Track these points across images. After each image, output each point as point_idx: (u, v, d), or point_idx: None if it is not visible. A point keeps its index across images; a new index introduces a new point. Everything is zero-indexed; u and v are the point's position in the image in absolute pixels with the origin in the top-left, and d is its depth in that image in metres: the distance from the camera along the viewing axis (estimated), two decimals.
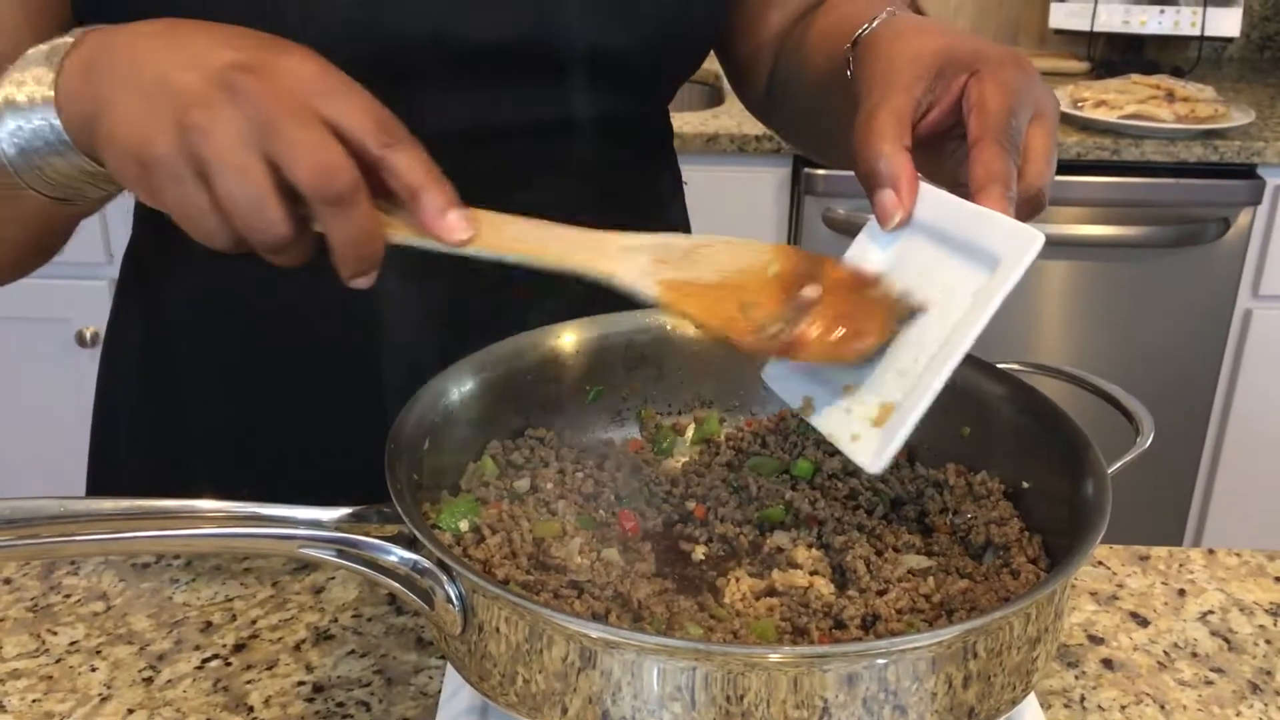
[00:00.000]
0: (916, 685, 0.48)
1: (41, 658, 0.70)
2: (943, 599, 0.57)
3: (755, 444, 0.70)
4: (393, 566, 0.54)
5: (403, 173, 0.52)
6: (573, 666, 0.50)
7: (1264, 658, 0.72)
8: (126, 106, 0.51)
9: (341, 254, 0.52)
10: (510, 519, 0.61)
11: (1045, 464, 0.63)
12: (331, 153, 0.50)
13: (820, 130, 0.85)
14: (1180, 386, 2.13)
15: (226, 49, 0.51)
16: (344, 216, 0.50)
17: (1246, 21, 2.53)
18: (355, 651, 0.71)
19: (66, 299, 1.98)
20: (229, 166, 0.49)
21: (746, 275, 0.59)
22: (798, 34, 0.86)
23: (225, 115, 0.49)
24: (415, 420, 0.61)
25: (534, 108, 0.77)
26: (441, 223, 0.53)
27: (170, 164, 0.50)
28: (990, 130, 0.58)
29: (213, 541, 0.55)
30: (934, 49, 0.63)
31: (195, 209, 0.51)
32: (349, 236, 0.51)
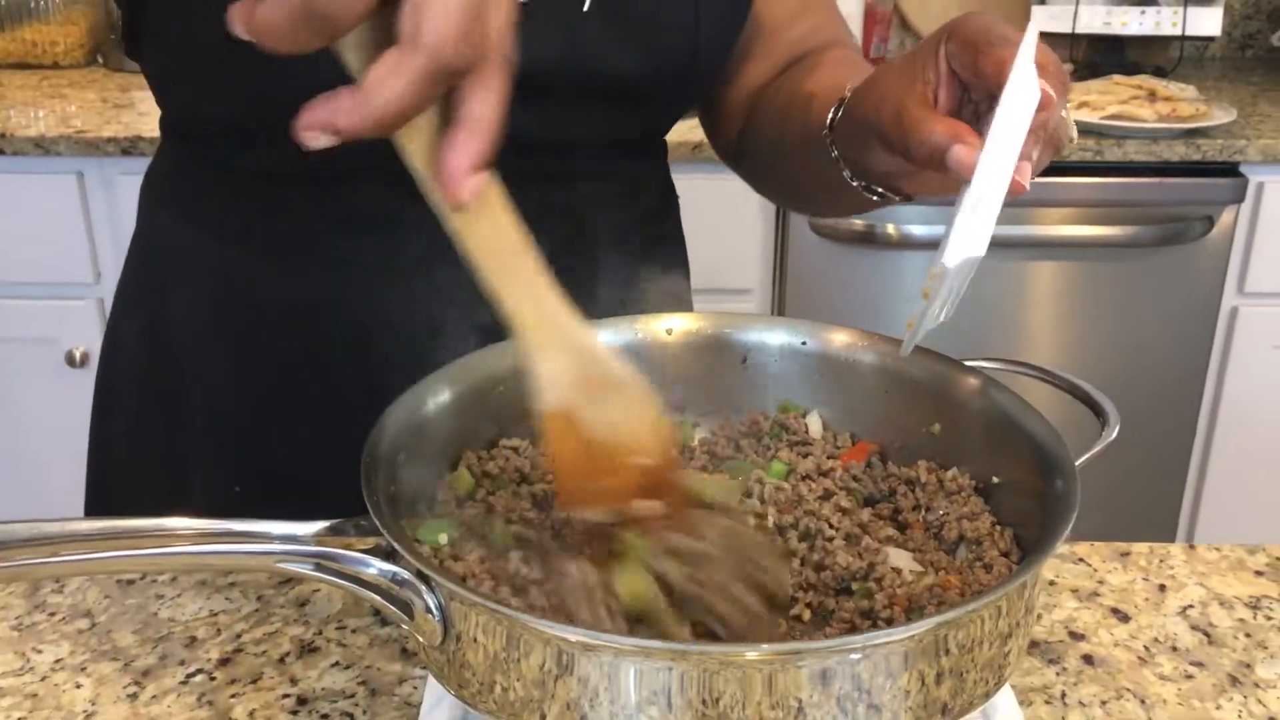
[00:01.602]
0: (890, 683, 0.48)
1: (26, 675, 0.70)
2: (909, 595, 0.58)
3: (729, 448, 0.71)
4: (372, 579, 0.54)
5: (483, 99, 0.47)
6: (550, 673, 0.50)
7: (1244, 650, 0.73)
8: None
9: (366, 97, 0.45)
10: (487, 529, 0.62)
11: (1015, 459, 0.64)
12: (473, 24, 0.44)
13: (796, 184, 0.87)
14: (1168, 384, 2.14)
15: None
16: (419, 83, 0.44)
17: (1228, 20, 2.54)
18: (339, 663, 0.71)
19: (55, 319, 1.98)
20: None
21: (619, 451, 0.57)
22: (774, 90, 0.88)
23: None
24: (390, 432, 0.61)
25: (543, 128, 0.78)
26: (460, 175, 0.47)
27: None
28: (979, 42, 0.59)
29: (190, 559, 0.55)
30: (906, 55, 0.66)
31: None
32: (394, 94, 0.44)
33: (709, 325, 0.74)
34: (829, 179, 0.75)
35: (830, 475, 0.68)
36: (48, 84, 2.18)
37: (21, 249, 1.94)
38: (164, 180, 0.92)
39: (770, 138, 0.88)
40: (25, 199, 1.91)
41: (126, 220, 1.91)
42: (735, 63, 0.90)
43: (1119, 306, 2.08)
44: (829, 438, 0.71)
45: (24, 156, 1.88)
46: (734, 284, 2.05)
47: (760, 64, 0.90)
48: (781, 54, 0.90)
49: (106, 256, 1.96)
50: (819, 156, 0.75)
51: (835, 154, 0.73)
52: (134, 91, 2.13)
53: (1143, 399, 2.13)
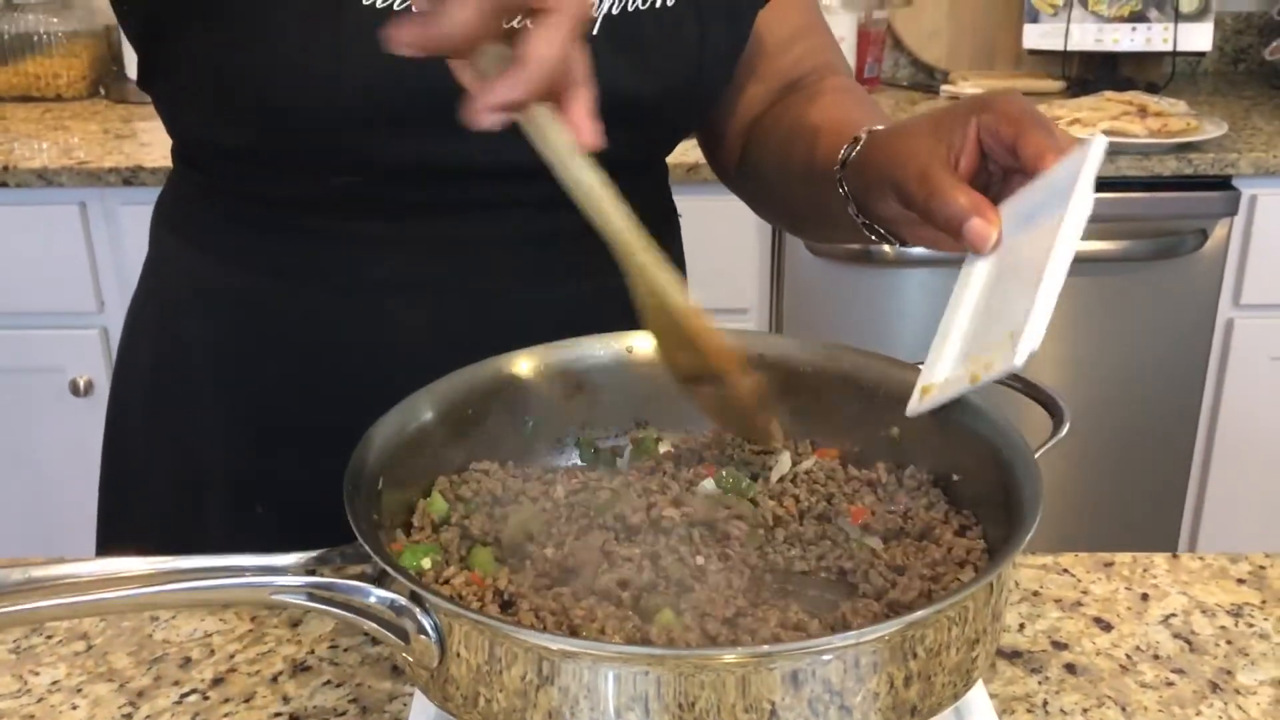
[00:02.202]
0: (860, 685, 0.50)
1: (24, 698, 0.71)
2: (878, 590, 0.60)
3: (693, 460, 0.72)
4: (369, 606, 0.54)
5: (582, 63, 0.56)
6: (530, 683, 0.51)
7: (1224, 658, 0.74)
8: None
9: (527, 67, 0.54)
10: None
11: (974, 457, 0.65)
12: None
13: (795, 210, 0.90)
14: (1166, 398, 2.14)
15: None
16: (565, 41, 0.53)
17: (1219, 35, 2.56)
18: (331, 681, 0.72)
19: (59, 348, 2.00)
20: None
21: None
22: (774, 116, 0.90)
23: None
24: (369, 460, 0.63)
25: None
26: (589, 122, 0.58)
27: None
28: (1023, 123, 0.64)
29: (185, 595, 0.56)
30: (933, 114, 0.70)
31: None
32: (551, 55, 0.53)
33: None
34: (831, 212, 0.78)
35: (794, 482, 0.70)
36: (50, 116, 2.21)
37: (25, 279, 1.96)
38: (174, 207, 0.94)
39: (773, 164, 0.90)
40: (29, 230, 1.93)
41: (129, 249, 1.94)
42: (733, 87, 0.92)
43: (1115, 321, 2.09)
44: (789, 445, 0.73)
45: (27, 188, 1.90)
46: (731, 303, 2.06)
47: (758, 87, 0.93)
48: (778, 78, 0.93)
49: (109, 286, 1.98)
50: (824, 190, 0.78)
51: (844, 191, 0.76)
52: (136, 122, 2.15)
53: (1141, 413, 2.13)
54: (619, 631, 0.56)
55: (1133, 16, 2.38)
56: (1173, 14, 2.36)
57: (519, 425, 0.73)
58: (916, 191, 0.66)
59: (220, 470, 0.90)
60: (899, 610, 0.58)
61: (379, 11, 0.73)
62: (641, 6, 0.79)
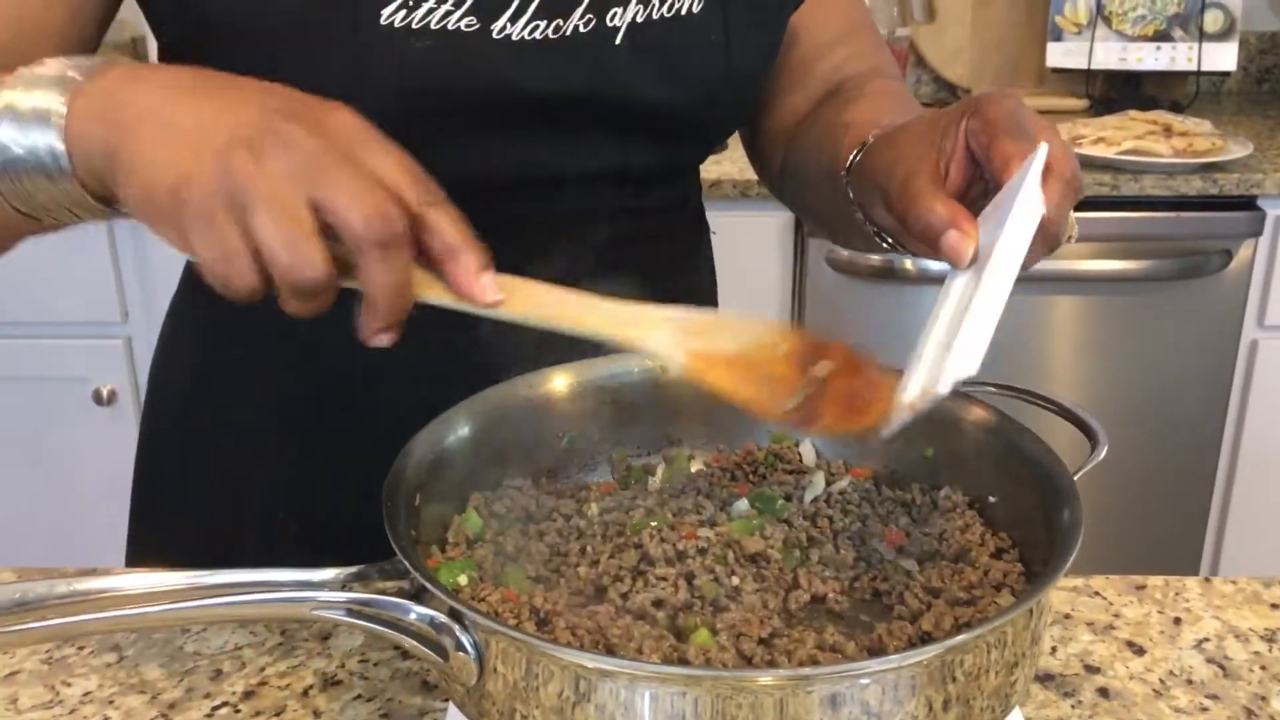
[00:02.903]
0: (898, 708, 0.49)
1: (56, 709, 0.71)
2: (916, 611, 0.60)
3: (725, 478, 0.72)
4: (409, 623, 0.54)
5: (443, 231, 0.53)
6: (568, 701, 0.51)
7: (1259, 684, 0.73)
8: (160, 143, 0.52)
9: (376, 305, 0.52)
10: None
11: (1011, 479, 0.65)
12: (382, 198, 0.51)
13: (822, 216, 0.89)
14: (1190, 419, 2.13)
15: (271, 97, 0.53)
16: (390, 263, 0.51)
17: (1243, 55, 2.56)
18: (361, 696, 0.72)
19: (83, 358, 2.01)
20: (275, 205, 0.50)
21: (762, 350, 0.62)
22: (812, 119, 0.90)
23: (271, 159, 0.50)
24: (407, 476, 0.63)
25: (583, 158, 0.81)
26: (476, 285, 0.54)
27: (205, 202, 0.50)
28: (997, 127, 0.61)
29: (225, 610, 0.56)
30: (930, 116, 0.68)
31: (226, 249, 0.50)
32: (389, 286, 0.52)
33: None
34: (847, 218, 0.77)
35: (828, 502, 0.70)
36: None
37: (50, 289, 1.98)
38: None
39: (808, 167, 0.89)
40: (54, 239, 1.92)
41: (154, 260, 1.95)
42: (775, 91, 0.92)
43: (1138, 341, 2.08)
44: (823, 465, 0.73)
45: None
46: None
47: (799, 93, 0.92)
48: (820, 82, 0.92)
49: (134, 296, 1.99)
50: (838, 193, 0.77)
51: (851, 196, 0.75)
52: None
53: (1164, 433, 2.12)
54: (655, 651, 0.56)
55: (1157, 36, 2.38)
56: (1197, 33, 2.36)
57: (553, 442, 0.73)
58: (898, 199, 0.64)
59: (256, 483, 0.90)
60: (933, 636, 0.58)
61: (398, 30, 0.73)
62: (667, 14, 0.79)
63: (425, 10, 0.73)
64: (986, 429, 0.68)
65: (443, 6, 0.73)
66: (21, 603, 0.53)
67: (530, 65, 0.75)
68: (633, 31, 0.78)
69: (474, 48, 0.74)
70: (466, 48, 0.74)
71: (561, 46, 0.76)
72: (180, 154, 0.51)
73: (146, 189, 0.52)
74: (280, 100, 0.53)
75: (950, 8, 2.52)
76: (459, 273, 0.54)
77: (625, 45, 0.78)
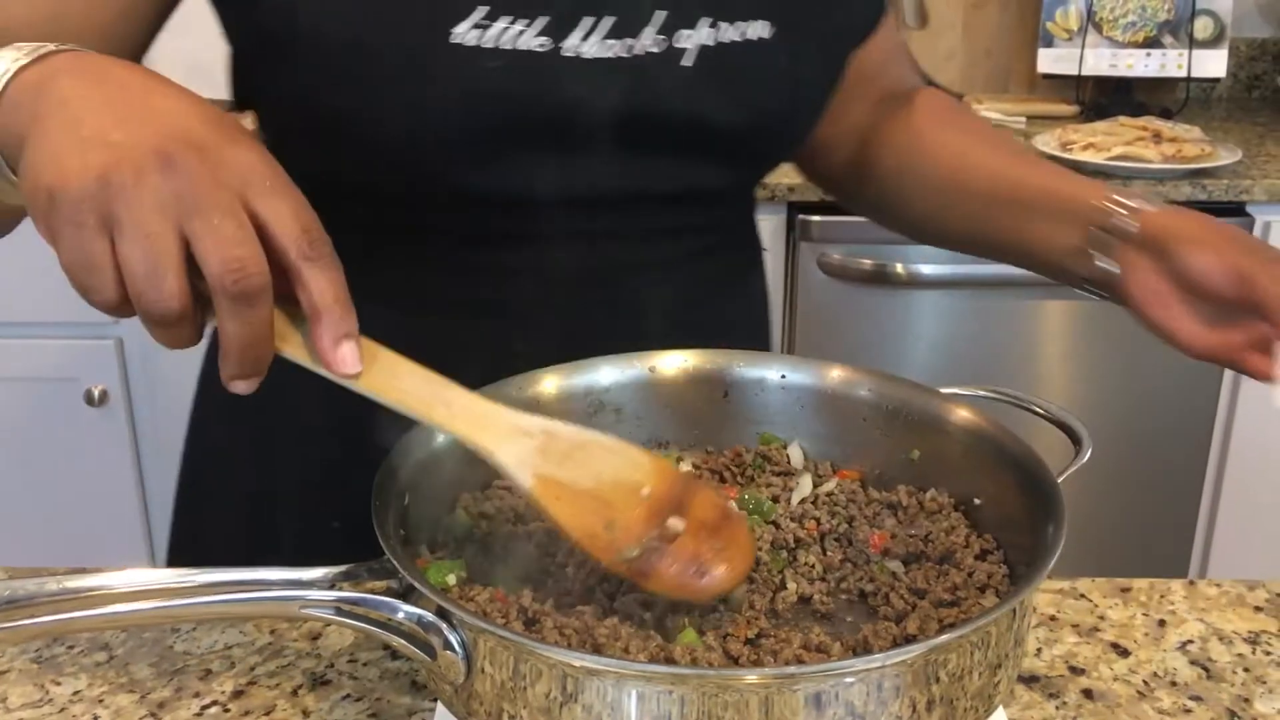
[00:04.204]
0: (882, 709, 0.50)
1: (45, 708, 0.71)
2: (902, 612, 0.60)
3: (713, 480, 0.73)
4: (396, 622, 0.55)
5: (314, 290, 0.52)
6: (555, 701, 0.52)
7: (1242, 685, 0.74)
8: (57, 140, 0.51)
9: (229, 352, 0.51)
10: None
11: (995, 480, 0.66)
12: (248, 249, 0.49)
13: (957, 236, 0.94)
14: (1179, 421, 2.14)
15: (182, 118, 0.52)
16: (243, 316, 0.50)
17: (1233, 62, 2.57)
18: (350, 695, 0.72)
19: (75, 359, 2.01)
20: (140, 229, 0.49)
21: (619, 490, 0.61)
22: (896, 137, 0.94)
23: (152, 182, 0.49)
24: (397, 476, 0.63)
25: (646, 177, 0.82)
26: (334, 352, 0.53)
27: (77, 208, 0.49)
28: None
29: (215, 608, 0.56)
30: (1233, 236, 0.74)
31: (89, 259, 0.50)
32: (242, 336, 0.51)
33: (691, 362, 0.76)
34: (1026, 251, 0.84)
35: (815, 503, 0.71)
36: None
37: (42, 288, 1.97)
38: None
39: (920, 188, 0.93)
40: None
41: None
42: (836, 102, 0.93)
43: (1127, 345, 2.09)
44: (810, 467, 0.73)
45: None
46: None
47: (858, 105, 0.96)
48: (875, 96, 0.97)
49: None
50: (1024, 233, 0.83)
51: (1098, 261, 0.80)
52: None
53: (1153, 437, 2.13)
54: (642, 650, 0.56)
55: (1147, 42, 2.39)
56: (1187, 40, 2.37)
57: None
58: (1236, 288, 0.70)
59: (297, 483, 0.91)
60: (918, 637, 0.59)
61: (468, 49, 0.74)
62: (736, 39, 0.80)
63: (498, 30, 0.74)
64: (973, 432, 0.68)
65: (515, 26, 0.74)
66: (11, 600, 0.54)
67: (599, 84, 0.76)
68: (702, 54, 0.79)
69: (544, 67, 0.75)
70: (537, 67, 0.75)
71: (631, 66, 0.77)
72: (68, 155, 0.50)
73: (32, 183, 0.51)
74: (195, 123, 0.52)
75: (942, 13, 2.53)
76: (321, 336, 0.53)
77: (694, 67, 0.79)
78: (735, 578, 0.60)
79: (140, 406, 2.05)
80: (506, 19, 0.74)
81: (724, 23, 0.79)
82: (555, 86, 0.75)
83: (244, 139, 0.53)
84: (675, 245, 0.87)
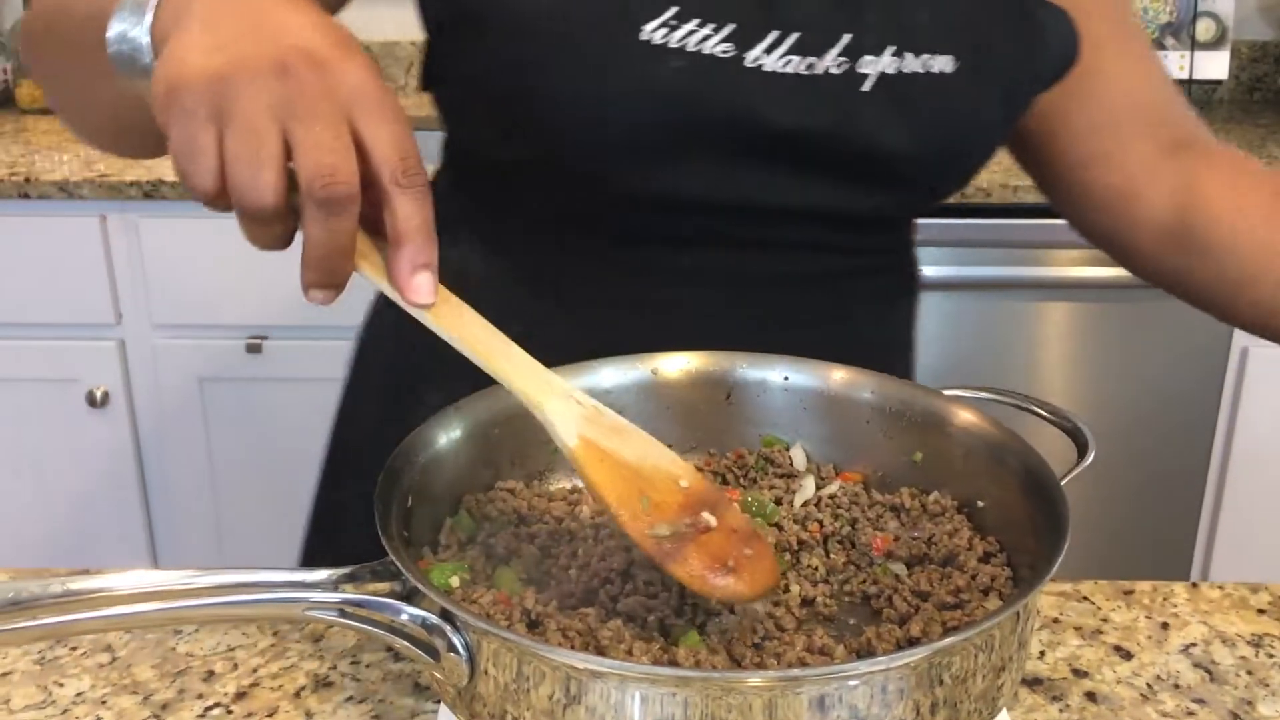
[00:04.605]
0: (886, 711, 0.50)
1: (48, 709, 0.71)
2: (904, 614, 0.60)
3: (715, 481, 0.73)
4: (400, 624, 0.55)
5: (400, 215, 0.54)
6: (558, 703, 0.52)
7: (1245, 688, 0.74)
8: (186, 42, 0.53)
9: (309, 258, 0.53)
10: None
11: (999, 483, 0.66)
12: (341, 159, 0.51)
13: None
14: (1181, 425, 2.14)
15: (307, 34, 0.53)
16: (327, 222, 0.52)
17: (1235, 64, 2.57)
18: (353, 697, 0.72)
19: (76, 359, 2.01)
20: (247, 124, 0.51)
21: (659, 474, 0.62)
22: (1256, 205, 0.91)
23: (265, 85, 0.51)
24: (400, 477, 0.63)
25: (807, 194, 0.82)
26: (409, 279, 0.55)
27: (192, 97, 0.52)
28: None
29: (218, 610, 0.56)
30: None
31: (195, 145, 0.52)
32: (324, 243, 0.52)
33: (693, 364, 0.76)
34: None
35: (818, 505, 0.71)
36: None
37: (45, 290, 1.98)
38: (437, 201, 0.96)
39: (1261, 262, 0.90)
40: (49, 241, 1.95)
41: (149, 263, 1.95)
42: (1113, 143, 0.92)
43: (1130, 347, 2.09)
44: (813, 469, 0.73)
45: (48, 200, 1.91)
46: None
47: (1148, 141, 0.93)
48: (1165, 134, 0.93)
49: (128, 298, 1.99)
50: None
51: None
52: None
53: (1155, 440, 2.13)
54: (646, 653, 0.56)
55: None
56: (1189, 42, 2.37)
57: (545, 445, 0.73)
58: None
59: None
60: (921, 639, 0.59)
61: (655, 48, 0.75)
62: (919, 70, 0.79)
63: (685, 31, 0.75)
64: (976, 434, 0.68)
65: (703, 30, 0.75)
66: (15, 602, 0.54)
67: (776, 98, 0.77)
68: (883, 82, 0.79)
69: (724, 74, 0.76)
70: (717, 73, 0.75)
71: (810, 84, 0.77)
72: (194, 54, 0.52)
73: (157, 75, 0.53)
74: (319, 40, 0.53)
75: None
76: (399, 261, 0.54)
77: (873, 93, 0.78)
78: (755, 590, 0.60)
79: (141, 408, 2.05)
80: (695, 21, 0.75)
81: (909, 53, 0.79)
82: (732, 94, 0.76)
83: (361, 61, 0.54)
84: (821, 262, 0.87)
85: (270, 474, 2.06)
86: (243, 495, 2.09)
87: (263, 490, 2.07)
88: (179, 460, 2.08)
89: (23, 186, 1.90)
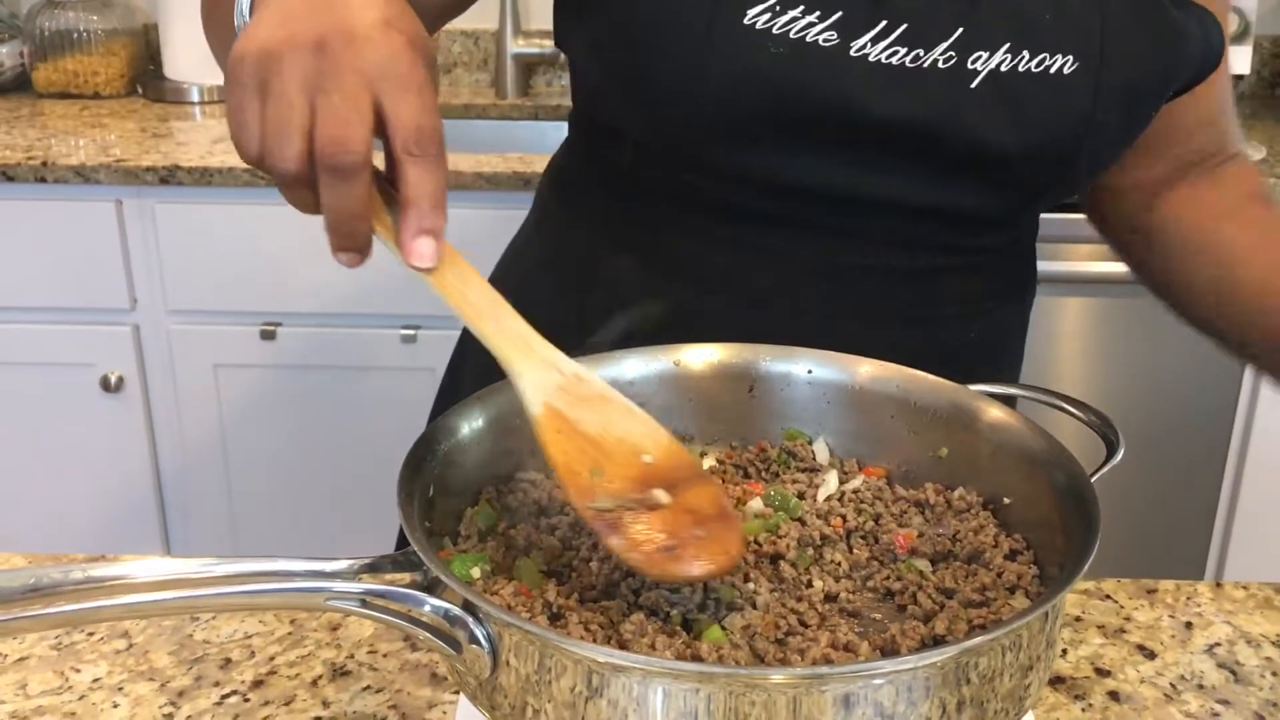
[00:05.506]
0: (912, 710, 0.49)
1: (65, 694, 0.71)
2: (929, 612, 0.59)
3: (737, 475, 0.72)
4: (422, 615, 0.54)
5: (409, 182, 0.56)
6: (580, 696, 0.51)
7: (1270, 689, 0.73)
8: (260, 18, 0.57)
9: (327, 221, 0.56)
10: None
11: (1025, 479, 0.65)
12: (353, 130, 0.54)
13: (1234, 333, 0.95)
14: (1198, 421, 2.13)
15: (357, 13, 0.56)
16: (336, 189, 0.54)
17: (1257, 59, 2.54)
18: (370, 687, 0.72)
19: (91, 344, 2.01)
20: (281, 96, 0.55)
21: (621, 447, 0.62)
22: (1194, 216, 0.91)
23: (301, 60, 0.55)
24: (420, 469, 0.63)
25: (905, 187, 0.81)
26: (411, 242, 0.57)
27: (245, 70, 0.56)
28: None
29: (239, 599, 0.56)
30: None
31: (242, 114, 0.56)
32: (336, 209, 0.55)
33: (717, 356, 0.75)
34: None
35: (840, 500, 0.70)
36: (88, 113, 2.22)
37: (60, 274, 1.98)
38: (561, 172, 0.97)
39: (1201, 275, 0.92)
40: (65, 225, 1.95)
41: (164, 247, 1.95)
42: (1130, 155, 0.90)
43: (1148, 342, 2.08)
44: (836, 463, 0.73)
45: (64, 184, 1.91)
46: None
47: (1157, 162, 0.92)
48: (1178, 159, 0.93)
49: (143, 283, 1.99)
50: None
51: None
52: (173, 122, 2.17)
53: (1172, 436, 2.12)
54: (669, 647, 0.56)
55: None
56: None
57: None
58: None
59: None
60: (946, 637, 0.58)
61: (757, 33, 0.74)
62: (1034, 69, 0.78)
63: (789, 18, 0.75)
64: (1002, 430, 0.67)
65: (807, 17, 0.75)
66: (35, 588, 0.53)
67: (880, 89, 0.76)
68: (993, 78, 0.77)
69: (827, 63, 0.75)
70: (820, 61, 0.75)
71: (916, 77, 0.76)
72: (259, 30, 0.56)
73: (231, 50, 0.57)
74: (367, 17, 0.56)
75: None
76: (405, 225, 0.57)
77: (981, 89, 0.77)
78: (705, 571, 0.58)
79: (156, 392, 2.05)
80: (799, 8, 0.75)
81: (1026, 51, 0.77)
82: (835, 83, 0.75)
83: (398, 39, 0.56)
84: (917, 258, 0.86)
85: (283, 459, 2.06)
86: (255, 480, 2.09)
87: (275, 475, 2.07)
88: (192, 445, 2.08)
89: (39, 170, 1.90)
